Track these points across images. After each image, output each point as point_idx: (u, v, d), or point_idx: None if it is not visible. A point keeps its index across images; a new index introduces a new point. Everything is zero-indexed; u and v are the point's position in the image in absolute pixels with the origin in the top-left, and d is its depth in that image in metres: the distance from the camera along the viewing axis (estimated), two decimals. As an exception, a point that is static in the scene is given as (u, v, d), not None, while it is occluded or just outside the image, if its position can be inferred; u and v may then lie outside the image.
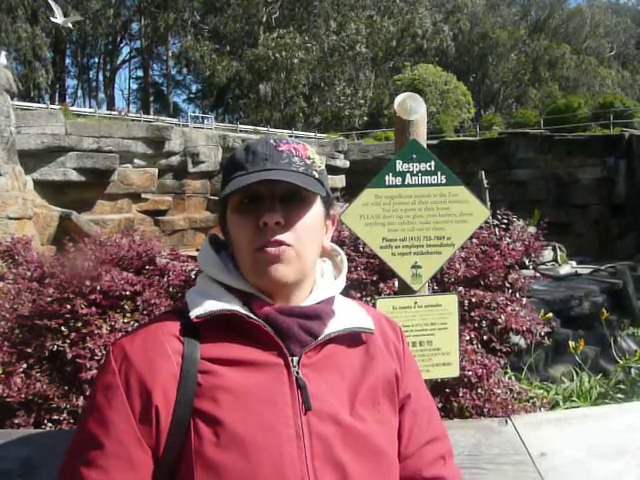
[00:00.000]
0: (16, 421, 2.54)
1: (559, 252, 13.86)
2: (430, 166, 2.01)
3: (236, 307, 0.97)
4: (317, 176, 1.02)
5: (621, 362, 4.10)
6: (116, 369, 0.94)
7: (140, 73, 46.17)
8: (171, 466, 0.92)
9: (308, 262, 1.01)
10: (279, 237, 0.96)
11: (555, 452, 1.34)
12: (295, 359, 0.97)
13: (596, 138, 18.55)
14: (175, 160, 17.04)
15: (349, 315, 1.06)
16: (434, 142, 19.64)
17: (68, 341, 2.74)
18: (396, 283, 2.73)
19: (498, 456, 1.30)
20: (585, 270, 13.10)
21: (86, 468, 0.89)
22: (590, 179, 18.11)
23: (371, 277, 3.09)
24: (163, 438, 0.91)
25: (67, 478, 0.92)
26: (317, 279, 1.08)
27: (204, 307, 0.97)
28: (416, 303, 2.04)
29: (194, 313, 0.96)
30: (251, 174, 0.97)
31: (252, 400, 0.92)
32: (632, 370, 3.86)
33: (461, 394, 2.68)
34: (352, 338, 1.04)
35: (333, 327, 1.01)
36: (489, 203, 11.77)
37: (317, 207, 1.03)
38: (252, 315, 0.97)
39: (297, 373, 0.95)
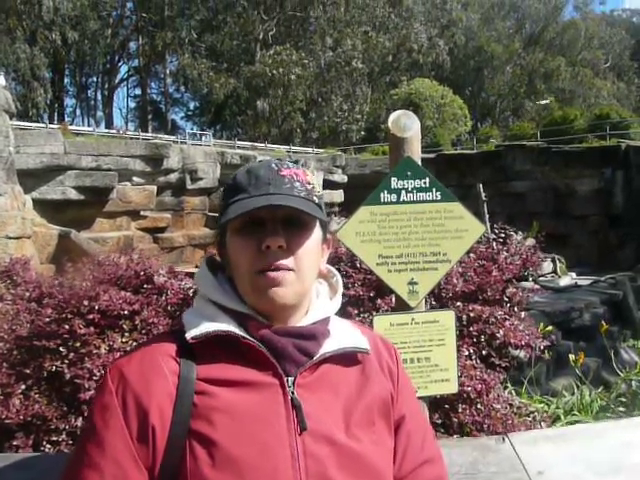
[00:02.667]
0: (15, 443, 2.52)
1: (559, 264, 13.84)
2: (425, 183, 2.02)
3: (231, 328, 0.98)
4: (317, 201, 1.04)
5: (622, 375, 4.09)
6: (113, 390, 0.94)
7: (138, 91, 46.47)
8: None
9: (307, 285, 1.03)
10: (282, 261, 0.97)
11: (552, 469, 1.33)
12: (290, 379, 0.97)
13: (593, 149, 18.63)
14: (174, 177, 17.10)
15: (344, 335, 1.06)
16: (431, 156, 19.72)
17: (67, 361, 2.73)
18: (394, 299, 2.74)
19: (495, 474, 1.29)
20: (585, 281, 13.06)
21: None
22: (587, 190, 18.15)
23: (368, 293, 3.09)
24: (159, 458, 0.92)
25: None
26: (313, 300, 1.09)
27: (200, 328, 0.97)
28: (413, 319, 2.04)
29: (190, 334, 0.97)
30: (255, 198, 0.98)
31: (247, 420, 0.93)
32: (633, 383, 3.84)
33: (460, 410, 2.67)
34: (347, 358, 1.04)
35: (328, 347, 1.02)
36: (487, 216, 11.80)
37: (316, 232, 1.04)
38: (247, 335, 0.98)
39: (292, 393, 0.96)
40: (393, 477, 1.03)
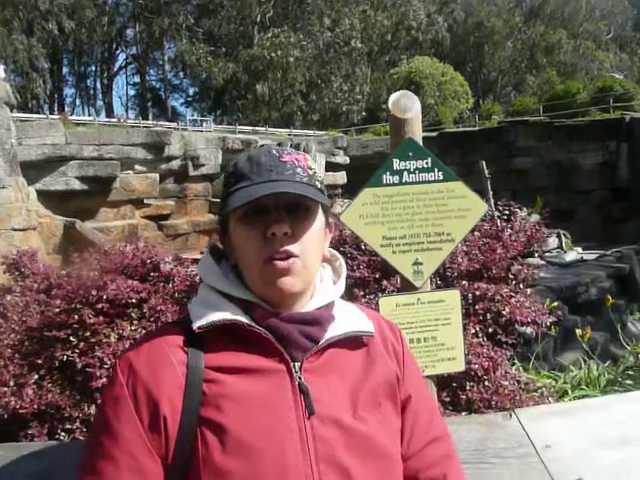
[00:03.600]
0: (30, 432, 2.56)
1: (564, 239, 13.80)
2: (427, 163, 2.02)
3: (237, 316, 0.99)
4: (319, 186, 1.04)
5: (629, 348, 4.10)
6: (123, 382, 0.96)
7: (137, 79, 46.20)
8: (179, 474, 0.94)
9: (312, 271, 1.04)
10: (287, 247, 0.98)
11: (559, 443, 1.35)
12: (297, 364, 0.99)
13: (596, 123, 18.48)
14: (176, 164, 17.08)
15: (349, 319, 1.07)
16: (433, 134, 19.60)
17: (77, 351, 2.76)
18: (399, 280, 2.75)
19: (503, 450, 1.32)
20: (591, 256, 13.03)
21: None
22: (592, 164, 18.05)
23: (374, 275, 3.11)
24: (171, 447, 0.93)
25: None
26: (317, 284, 1.10)
27: (206, 318, 0.99)
28: (419, 300, 2.05)
29: (196, 324, 0.98)
30: (258, 185, 0.98)
31: (256, 406, 0.94)
32: (640, 355, 3.86)
33: (468, 388, 2.69)
34: (353, 341, 1.06)
35: (333, 332, 1.03)
36: (491, 193, 11.74)
37: (319, 217, 1.05)
38: (253, 323, 0.99)
39: (299, 378, 0.97)
40: (402, 456, 1.05)
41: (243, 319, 0.99)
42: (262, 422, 0.94)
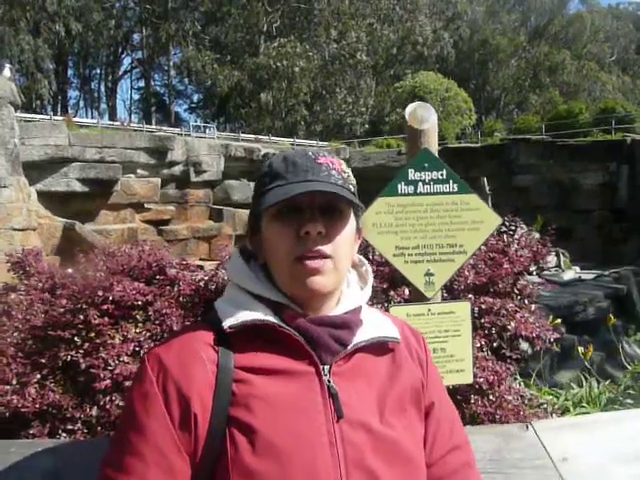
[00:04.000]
0: (31, 431, 2.55)
1: (563, 258, 13.85)
2: (442, 175, 2.03)
3: (268, 317, 0.98)
4: (352, 189, 1.04)
5: (630, 368, 4.10)
6: (153, 378, 0.95)
7: (142, 83, 46.44)
8: (207, 473, 0.93)
9: (343, 274, 1.04)
10: (320, 247, 0.97)
11: (576, 457, 1.35)
12: (326, 367, 0.98)
13: (598, 143, 18.59)
14: (178, 170, 17.11)
15: (376, 324, 1.08)
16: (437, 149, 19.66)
17: (81, 351, 2.74)
18: (406, 291, 2.75)
19: (520, 461, 1.32)
20: (589, 275, 13.08)
21: (126, 477, 0.91)
22: (592, 184, 18.13)
23: (381, 285, 3.10)
24: (200, 445, 0.93)
25: None
26: (344, 289, 1.09)
27: (236, 317, 0.98)
28: (429, 310, 2.06)
29: (227, 323, 0.98)
30: (294, 184, 0.98)
31: (285, 408, 0.94)
32: (641, 376, 3.85)
33: (473, 401, 2.68)
34: (379, 347, 1.06)
35: (361, 336, 1.03)
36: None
37: (352, 220, 1.05)
38: (283, 324, 0.98)
39: (329, 381, 0.97)
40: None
41: (274, 320, 0.98)
42: (291, 424, 0.93)
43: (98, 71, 44.58)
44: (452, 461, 1.08)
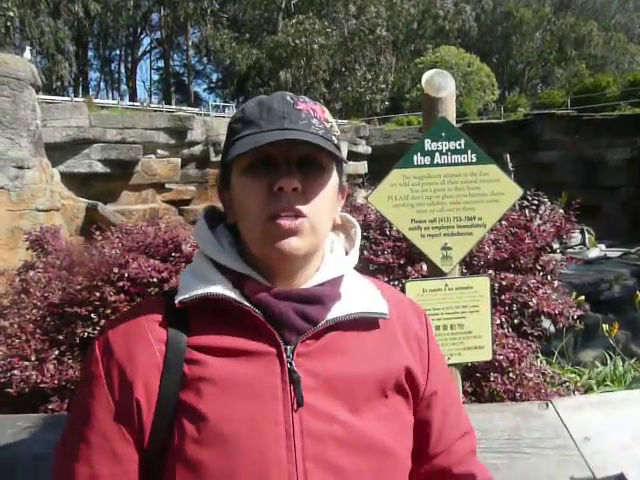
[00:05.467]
0: (50, 407, 2.58)
1: (587, 235, 13.60)
2: (460, 144, 1.96)
3: (225, 291, 0.86)
4: (336, 141, 0.90)
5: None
6: (99, 359, 0.88)
7: (161, 64, 46.40)
8: (157, 460, 0.85)
9: (321, 237, 0.90)
10: (296, 206, 0.85)
11: (599, 436, 1.29)
12: (289, 348, 0.86)
13: (625, 117, 18.10)
14: (197, 150, 17.12)
15: (359, 298, 0.93)
16: (457, 125, 19.36)
17: (98, 328, 2.76)
18: (424, 266, 2.69)
19: (539, 440, 1.26)
20: (614, 253, 12.83)
21: (73, 461, 0.86)
22: (619, 160, 17.71)
23: (398, 261, 3.05)
24: (147, 431, 0.85)
25: (57, 470, 0.88)
26: (326, 255, 0.96)
27: (189, 291, 0.87)
28: (447, 285, 2.00)
29: (178, 297, 0.88)
30: (268, 132, 0.84)
31: (239, 393, 0.84)
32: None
33: (492, 378, 2.63)
34: (363, 323, 0.92)
35: (337, 312, 0.90)
36: (515, 186, 11.55)
37: (333, 176, 0.91)
38: (242, 299, 0.87)
39: (290, 364, 0.85)
40: (426, 454, 0.97)
41: (231, 294, 0.86)
42: (245, 412, 0.83)
43: (118, 52, 44.73)
44: (460, 449, 1.00)
